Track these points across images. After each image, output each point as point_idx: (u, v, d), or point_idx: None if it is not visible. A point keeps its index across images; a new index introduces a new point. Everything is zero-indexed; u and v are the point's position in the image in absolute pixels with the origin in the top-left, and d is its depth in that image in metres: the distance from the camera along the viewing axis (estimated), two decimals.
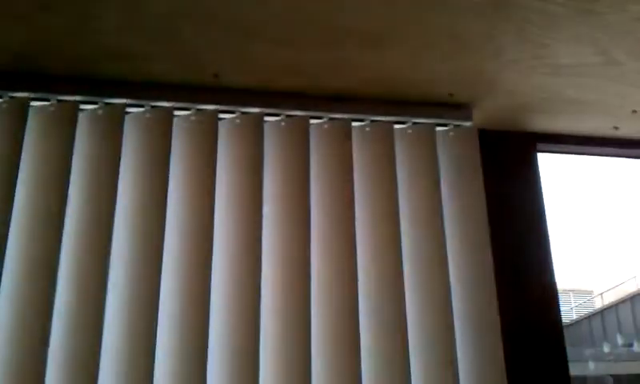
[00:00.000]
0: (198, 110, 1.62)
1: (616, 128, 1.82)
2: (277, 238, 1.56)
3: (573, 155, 1.91)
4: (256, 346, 1.45)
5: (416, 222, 1.63)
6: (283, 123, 1.66)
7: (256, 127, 1.63)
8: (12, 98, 1.56)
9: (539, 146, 1.83)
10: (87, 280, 1.45)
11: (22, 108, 1.56)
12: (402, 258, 1.57)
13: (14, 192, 1.49)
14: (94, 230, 1.49)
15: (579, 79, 1.60)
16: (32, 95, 1.56)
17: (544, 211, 1.75)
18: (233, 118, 1.64)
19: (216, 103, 1.61)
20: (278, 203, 1.59)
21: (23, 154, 1.53)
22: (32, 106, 1.57)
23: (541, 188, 1.77)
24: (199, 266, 1.50)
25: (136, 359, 1.42)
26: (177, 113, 1.62)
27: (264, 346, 1.47)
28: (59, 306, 1.43)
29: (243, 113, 1.63)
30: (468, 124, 1.71)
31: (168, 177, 1.55)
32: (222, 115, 1.63)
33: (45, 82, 1.56)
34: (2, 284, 1.42)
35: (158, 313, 1.45)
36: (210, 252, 1.51)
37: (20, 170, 1.52)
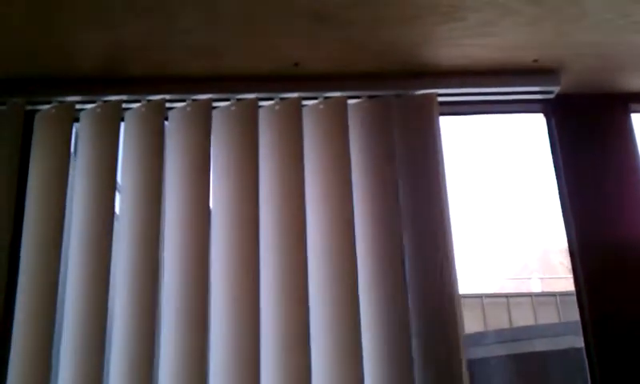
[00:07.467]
0: (282, 98, 1.65)
1: None
2: (370, 226, 1.57)
3: None
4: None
5: None
6: (366, 104, 1.66)
7: (339, 111, 1.64)
8: (106, 102, 1.63)
9: (632, 106, 1.76)
10: (192, 272, 1.52)
11: (115, 111, 1.63)
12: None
13: (115, 187, 1.57)
14: (191, 223, 1.55)
15: None
16: (124, 98, 1.63)
17: None
18: (316, 104, 1.66)
19: (299, 91, 1.64)
20: (368, 186, 1.60)
21: (121, 153, 1.62)
22: (124, 108, 1.65)
23: (637, 148, 1.71)
24: (295, 248, 1.53)
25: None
26: (261, 103, 1.65)
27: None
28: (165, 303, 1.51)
29: (325, 98, 1.65)
30: (554, 89, 1.67)
31: (258, 166, 1.59)
32: (304, 102, 1.66)
33: (135, 85, 1.62)
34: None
35: (259, 314, 1.50)
36: (305, 241, 1.55)
37: (118, 168, 1.60)
